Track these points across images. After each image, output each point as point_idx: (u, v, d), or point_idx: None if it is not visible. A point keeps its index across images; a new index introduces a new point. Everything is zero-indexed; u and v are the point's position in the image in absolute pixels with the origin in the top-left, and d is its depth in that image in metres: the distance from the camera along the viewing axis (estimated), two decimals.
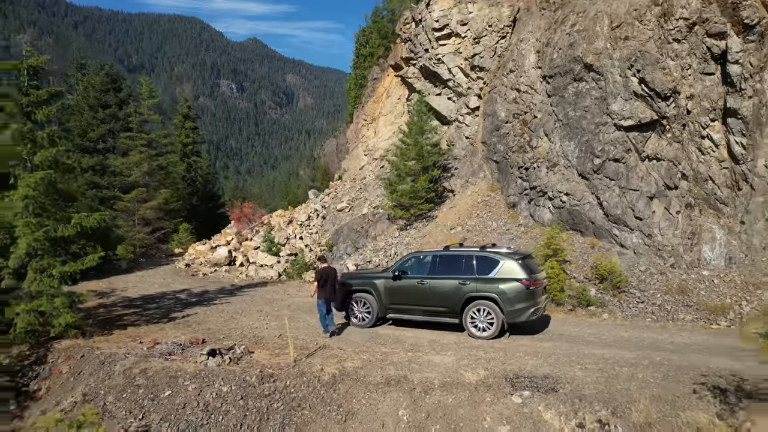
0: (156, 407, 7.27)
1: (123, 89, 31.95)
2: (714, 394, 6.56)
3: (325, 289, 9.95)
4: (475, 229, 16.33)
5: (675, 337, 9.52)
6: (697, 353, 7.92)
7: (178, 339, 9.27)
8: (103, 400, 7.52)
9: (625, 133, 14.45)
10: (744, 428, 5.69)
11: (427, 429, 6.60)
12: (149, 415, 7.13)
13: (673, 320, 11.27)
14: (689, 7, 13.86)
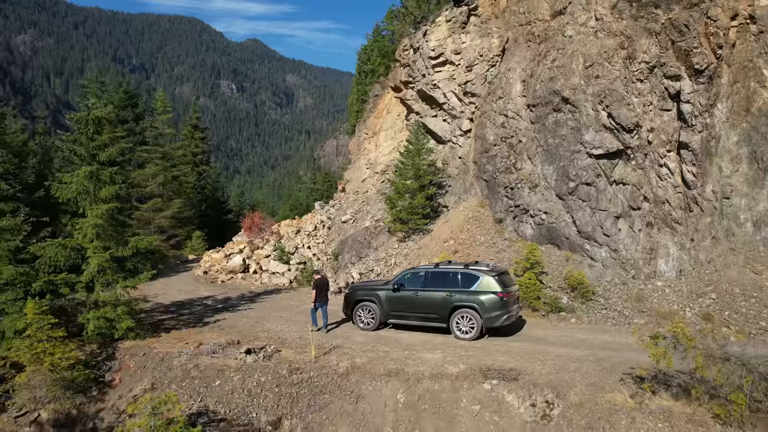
0: (210, 393, 9.50)
1: (139, 105, 34.20)
2: (634, 381, 8.76)
3: (320, 295, 12.72)
4: (466, 242, 18.55)
5: (622, 338, 11.73)
6: (634, 352, 10.09)
7: (217, 341, 11.47)
8: (167, 387, 9.75)
9: (595, 161, 16.66)
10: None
11: (419, 408, 8.82)
12: (205, 399, 9.36)
13: (629, 324, 13.47)
14: (649, 53, 16.09)
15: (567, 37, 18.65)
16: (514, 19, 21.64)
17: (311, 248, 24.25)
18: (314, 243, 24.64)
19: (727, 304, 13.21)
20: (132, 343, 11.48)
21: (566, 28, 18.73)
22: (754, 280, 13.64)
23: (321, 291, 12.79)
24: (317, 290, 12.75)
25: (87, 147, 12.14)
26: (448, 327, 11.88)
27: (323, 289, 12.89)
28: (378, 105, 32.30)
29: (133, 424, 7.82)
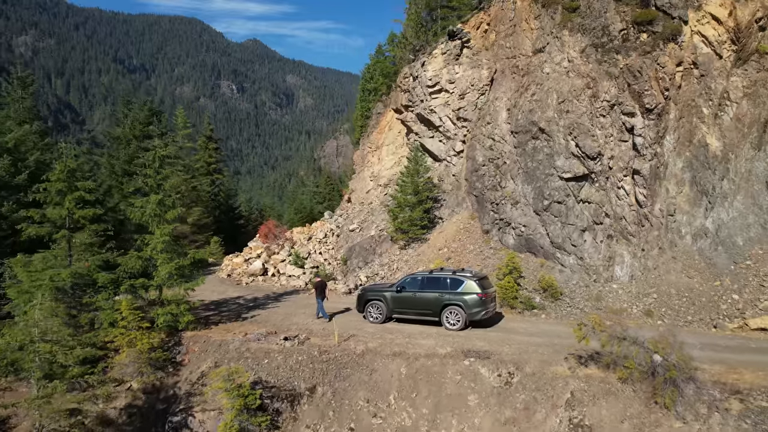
0: (261, 368, 12.82)
1: (162, 121, 37.50)
2: (575, 359, 12.06)
3: (321, 293, 16.92)
4: (458, 250, 21.88)
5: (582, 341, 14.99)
6: (583, 350, 13.35)
7: (259, 331, 14.78)
8: (227, 365, 13.06)
9: (565, 183, 19.98)
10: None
11: (416, 378, 12.13)
12: (258, 373, 12.68)
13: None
14: (610, 93, 19.42)
15: (545, 73, 21.97)
16: (502, 52, 24.96)
17: (322, 254, 27.56)
18: (325, 249, 27.96)
19: (665, 302, 16.53)
20: (192, 333, 14.80)
21: (544, 66, 22.05)
22: (687, 283, 16.96)
23: (319, 290, 17.13)
24: (317, 290, 17.20)
25: (154, 179, 15.47)
26: (439, 320, 15.20)
27: (321, 289, 17.19)
28: (380, 122, 35.63)
29: (214, 386, 11.15)
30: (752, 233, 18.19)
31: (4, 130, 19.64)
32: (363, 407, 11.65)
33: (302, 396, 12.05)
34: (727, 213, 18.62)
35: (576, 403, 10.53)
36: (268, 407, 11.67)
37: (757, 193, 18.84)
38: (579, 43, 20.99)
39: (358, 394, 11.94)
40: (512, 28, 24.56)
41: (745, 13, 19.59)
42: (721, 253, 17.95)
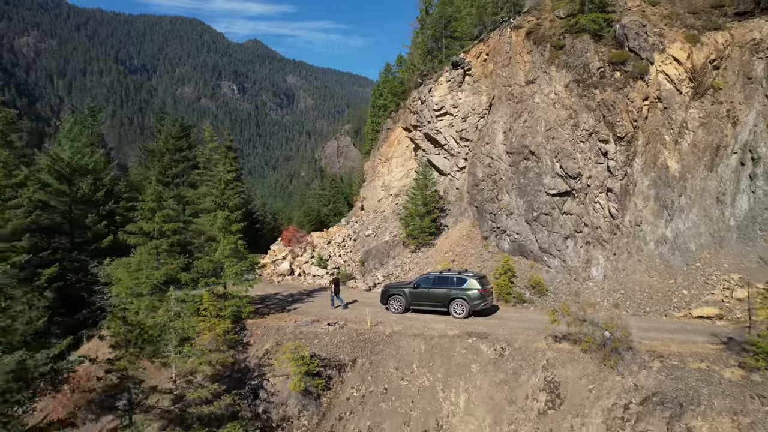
0: (313, 346, 16.87)
1: (192, 136, 41.49)
2: (552, 337, 16.09)
3: (336, 287, 21.19)
4: (461, 254, 25.94)
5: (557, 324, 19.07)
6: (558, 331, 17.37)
7: (305, 319, 18.83)
8: (267, 347, 17.10)
9: (551, 198, 24.02)
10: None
11: (432, 352, 16.16)
12: (312, 349, 16.73)
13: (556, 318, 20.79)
14: (588, 123, 23.47)
15: (535, 102, 26.04)
16: (499, 80, 29.03)
17: (341, 256, 31.61)
18: (344, 252, 32.00)
19: (629, 296, 20.60)
20: (252, 320, 18.86)
21: (535, 96, 26.12)
22: (648, 281, 21.03)
23: (335, 286, 21.51)
24: (334, 285, 21.56)
25: (221, 198, 19.51)
26: (448, 310, 19.25)
27: (336, 284, 21.65)
28: (390, 136, 39.69)
29: (283, 357, 15.21)
30: (703, 240, 22.28)
31: (84, 154, 23.62)
32: (393, 373, 15.69)
33: (346, 366, 16.09)
34: (684, 223, 22.70)
35: (550, 367, 14.58)
36: (322, 374, 15.71)
37: (708, 207, 22.93)
38: (564, 78, 25.06)
39: (388, 363, 15.98)
40: (508, 59, 28.63)
41: (700, 56, 23.67)
42: (677, 256, 22.03)
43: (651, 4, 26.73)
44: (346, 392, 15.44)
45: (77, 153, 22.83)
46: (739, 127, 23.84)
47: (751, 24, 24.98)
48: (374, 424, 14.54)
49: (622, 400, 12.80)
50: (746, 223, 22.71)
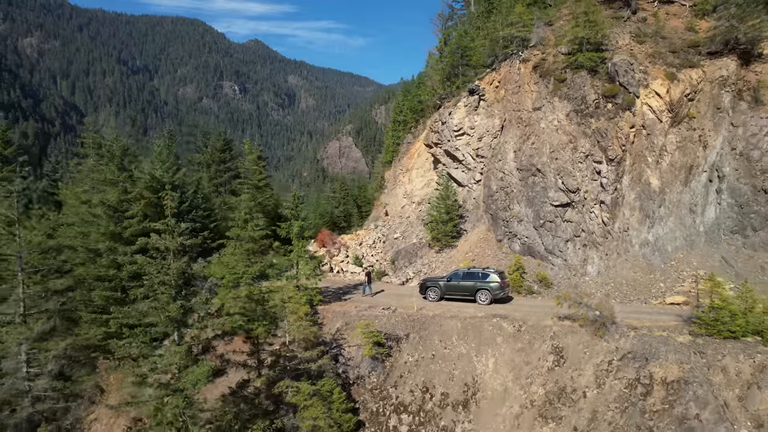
0: (375, 325, 22.32)
1: (233, 149, 46.86)
2: (557, 317, 21.52)
3: (368, 280, 26.72)
4: (479, 254, 31.39)
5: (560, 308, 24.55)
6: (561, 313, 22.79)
7: (363, 306, 24.25)
8: (353, 323, 22.54)
9: (555, 208, 29.45)
10: None
11: (467, 328, 21.58)
12: (372, 327, 22.17)
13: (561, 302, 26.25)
14: (585, 147, 28.89)
15: (541, 127, 31.47)
16: (509, 105, 34.45)
17: (373, 256, 37.03)
18: (375, 252, 37.42)
19: (617, 288, 26.07)
20: (322, 307, 24.29)
21: (541, 121, 31.56)
22: (633, 276, 26.51)
23: (367, 278, 27.26)
24: (367, 277, 27.30)
25: (295, 209, 24.93)
26: (474, 299, 24.68)
27: (368, 277, 27.57)
28: (410, 149, 45.13)
29: (357, 332, 20.65)
30: (678, 243, 27.78)
31: (171, 171, 28.98)
32: (438, 344, 21.12)
33: (402, 339, 21.51)
34: (662, 229, 28.19)
35: (555, 337, 20.03)
36: (385, 344, 21.13)
37: (683, 216, 28.42)
38: (565, 108, 30.50)
39: (434, 337, 21.41)
40: (517, 88, 34.07)
41: (677, 91, 29.14)
42: (657, 256, 27.52)
43: (638, 42, 32.17)
44: (403, 357, 20.86)
45: (166, 171, 28.19)
46: (708, 150, 29.34)
47: (720, 62, 30.45)
48: (427, 380, 19.97)
49: (607, 358, 18.25)
50: (713, 229, 28.22)
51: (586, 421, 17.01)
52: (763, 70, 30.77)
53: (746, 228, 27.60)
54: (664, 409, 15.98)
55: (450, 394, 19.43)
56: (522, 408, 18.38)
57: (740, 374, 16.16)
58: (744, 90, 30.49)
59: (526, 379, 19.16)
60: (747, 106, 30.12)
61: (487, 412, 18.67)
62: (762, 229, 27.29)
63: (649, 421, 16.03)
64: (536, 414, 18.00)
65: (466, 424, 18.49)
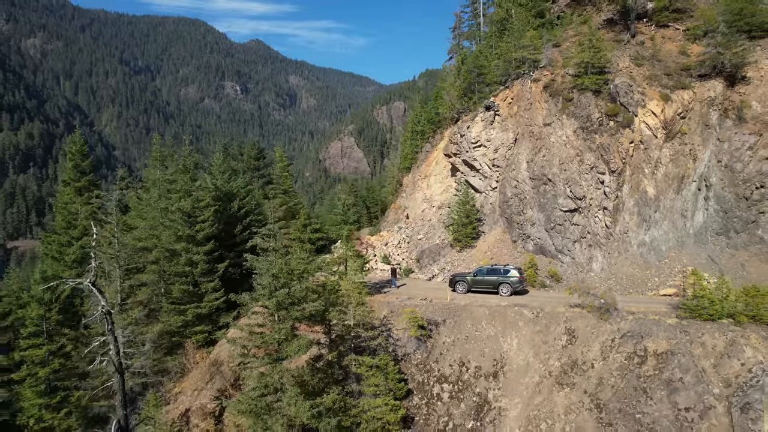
0: (416, 312, 26.94)
1: (266, 157, 51.37)
2: (568, 305, 26.11)
3: (393, 274, 31.77)
4: (496, 254, 35.97)
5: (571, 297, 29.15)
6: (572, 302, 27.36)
7: (404, 297, 28.83)
8: (398, 311, 27.14)
9: (564, 213, 34.02)
10: None
11: (494, 314, 26.15)
12: (416, 313, 26.79)
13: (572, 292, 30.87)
14: (590, 160, 33.49)
15: (551, 141, 36.06)
16: (522, 120, 39.03)
17: (399, 255, 41.58)
18: (400, 252, 41.98)
19: (618, 283, 30.67)
20: (369, 297, 28.83)
21: (551, 136, 36.14)
22: (631, 272, 31.11)
23: (393, 273, 31.98)
24: (392, 273, 32.03)
25: (344, 215, 29.48)
26: (497, 291, 29.27)
27: (393, 272, 32.25)
28: (428, 158, 49.72)
29: (404, 318, 25.27)
30: (670, 243, 32.39)
31: (231, 181, 33.46)
32: (470, 327, 25.67)
33: (440, 323, 26.07)
34: (657, 232, 32.80)
35: (568, 321, 24.60)
36: (426, 328, 25.68)
37: (675, 220, 33.03)
38: (572, 125, 35.09)
39: (466, 322, 25.97)
40: (529, 104, 38.66)
41: (671, 110, 33.73)
42: (652, 255, 32.13)
43: (637, 65, 36.77)
44: (442, 338, 25.43)
45: (225, 182, 32.71)
46: (697, 162, 33.96)
47: (708, 84, 35.04)
48: (462, 356, 24.54)
49: (610, 337, 22.84)
50: (701, 231, 32.84)
51: (593, 386, 21.60)
52: (746, 91, 35.40)
53: (729, 230, 32.22)
54: (655, 374, 20.57)
55: (482, 367, 24.00)
56: (541, 377, 22.96)
57: (715, 347, 20.74)
58: (729, 109, 35.09)
59: (544, 355, 23.74)
60: (732, 123, 34.71)
61: (513, 381, 23.25)
62: (743, 232, 31.91)
63: (644, 384, 20.62)
64: (553, 382, 22.58)
65: (497, 391, 23.06)
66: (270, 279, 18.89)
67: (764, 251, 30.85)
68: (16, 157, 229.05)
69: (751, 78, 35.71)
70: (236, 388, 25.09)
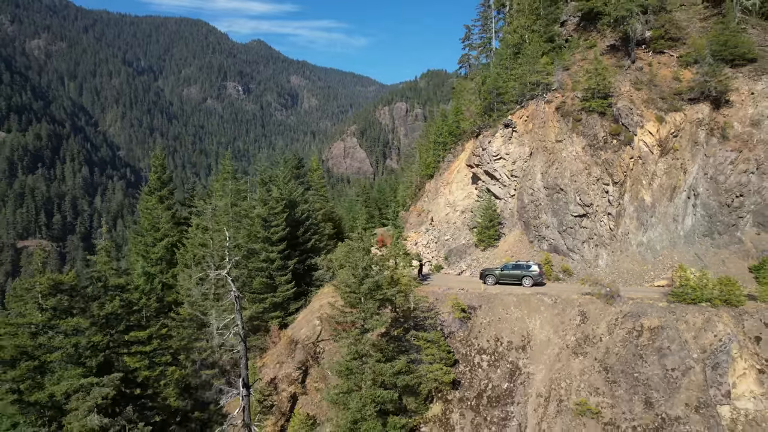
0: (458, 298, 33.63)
1: (304, 166, 57.92)
2: (580, 293, 32.75)
3: (420, 269, 38.16)
4: (516, 252, 42.66)
5: (581, 286, 35.81)
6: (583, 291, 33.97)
7: (444, 287, 35.48)
8: (442, 299, 33.82)
9: (574, 218, 40.68)
10: None
11: (521, 301, 32.73)
12: (458, 300, 33.48)
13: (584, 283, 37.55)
14: (596, 173, 40.14)
15: (563, 156, 42.75)
16: (536, 136, 45.71)
17: (429, 253, 48.19)
18: (429, 251, 48.59)
19: (621, 276, 37.36)
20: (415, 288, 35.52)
21: (562, 152, 42.83)
22: (631, 267, 37.82)
23: (420, 267, 38.30)
24: (419, 267, 38.54)
25: (394, 220, 36.14)
26: (521, 283, 35.93)
27: (421, 266, 38.60)
28: (450, 167, 56.35)
29: (447, 304, 31.98)
30: (664, 244, 39.11)
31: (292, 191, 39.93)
32: (501, 311, 32.29)
33: (476, 308, 32.68)
34: (653, 234, 39.49)
35: (581, 306, 31.23)
36: (466, 311, 32.30)
37: (668, 224, 39.74)
38: (581, 142, 41.76)
39: (498, 307, 32.58)
40: (543, 123, 45.34)
41: (665, 130, 40.44)
42: (649, 253, 38.84)
43: (636, 89, 43.47)
44: (479, 320, 32.05)
45: (289, 192, 39.28)
46: (687, 174, 40.66)
47: (697, 107, 41.74)
48: (497, 333, 31.15)
49: (614, 317, 29.48)
50: (690, 233, 39.56)
51: (602, 354, 28.26)
52: (729, 113, 42.11)
53: (713, 232, 38.93)
54: (649, 344, 27.23)
55: (513, 342, 30.66)
56: (560, 349, 29.62)
57: (695, 324, 27.41)
58: (715, 129, 41.79)
59: (562, 332, 30.40)
60: (717, 141, 41.41)
61: (537, 352, 29.90)
62: (724, 233, 38.62)
63: (640, 351, 27.28)
64: (570, 352, 29.23)
65: (525, 360, 29.72)
66: (360, 271, 25.45)
67: (742, 250, 37.60)
68: (24, 158, 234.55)
69: (734, 102, 42.38)
70: (314, 359, 31.71)
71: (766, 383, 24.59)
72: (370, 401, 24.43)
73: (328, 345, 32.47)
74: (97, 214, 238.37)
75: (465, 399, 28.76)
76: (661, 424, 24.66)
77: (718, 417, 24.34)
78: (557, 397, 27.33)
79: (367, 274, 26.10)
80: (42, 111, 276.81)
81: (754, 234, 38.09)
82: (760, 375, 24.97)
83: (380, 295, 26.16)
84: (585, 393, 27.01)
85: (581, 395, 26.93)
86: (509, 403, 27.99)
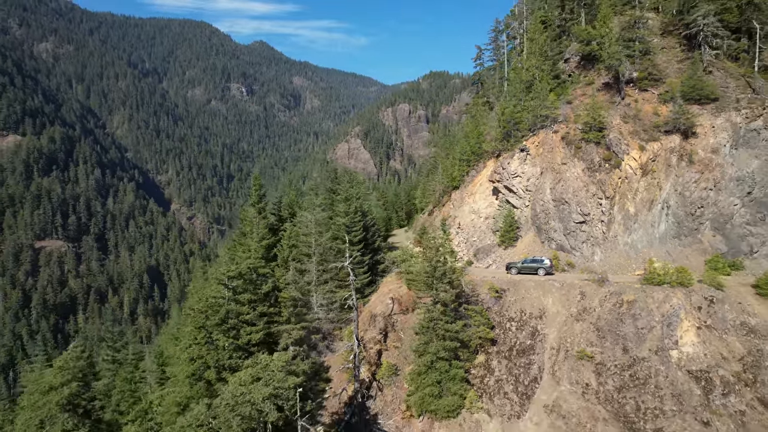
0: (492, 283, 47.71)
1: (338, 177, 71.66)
2: (581, 279, 46.77)
3: None
4: (531, 251, 56.69)
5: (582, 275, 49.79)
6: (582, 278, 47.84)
7: (480, 275, 49.47)
8: (479, 285, 47.85)
9: (575, 224, 54.67)
10: None
11: (537, 284, 46.72)
12: (492, 283, 47.55)
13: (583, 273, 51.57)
14: (593, 190, 54.22)
15: (567, 176, 56.89)
16: (545, 159, 59.83)
17: (460, 252, 62.04)
18: (460, 249, 62.46)
19: (610, 269, 51.39)
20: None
21: (567, 172, 56.98)
22: (618, 261, 51.90)
23: None
24: None
25: (444, 226, 50.12)
26: (536, 273, 49.85)
27: None
28: (474, 180, 70.38)
29: (484, 287, 46.11)
30: (644, 243, 53.20)
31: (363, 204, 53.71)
32: (523, 292, 46.16)
33: (506, 290, 46.53)
34: (636, 236, 53.55)
35: (581, 288, 45.13)
36: (499, 291, 46.18)
37: (647, 229, 53.81)
38: (581, 165, 55.83)
39: (521, 289, 46.46)
40: (551, 149, 59.44)
41: (645, 157, 54.57)
42: (632, 251, 52.91)
43: (624, 122, 57.62)
44: (508, 298, 45.93)
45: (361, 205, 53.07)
46: (662, 191, 54.72)
47: (671, 138, 55.87)
48: (521, 308, 45.03)
49: (604, 294, 43.40)
50: (663, 236, 53.63)
51: (595, 319, 42.21)
52: (695, 142, 56.26)
53: (681, 235, 53.02)
54: (626, 311, 41.20)
55: (533, 313, 44.59)
56: (566, 317, 43.56)
57: (658, 298, 41.37)
58: (683, 155, 55.93)
59: (567, 306, 44.36)
60: (685, 164, 55.54)
61: (550, 320, 43.85)
62: (689, 236, 52.71)
63: (621, 317, 41.23)
64: (573, 319, 43.18)
65: (542, 325, 43.64)
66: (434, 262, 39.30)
67: (701, 248, 51.79)
68: (39, 161, 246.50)
69: (699, 133, 56.51)
70: (392, 327, 45.65)
71: (701, 335, 38.64)
72: (442, 348, 38.34)
73: (399, 317, 46.37)
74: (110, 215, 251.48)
75: (500, 352, 42.73)
76: (632, 362, 38.68)
77: (669, 357, 38.38)
78: (565, 348, 41.31)
79: (438, 264, 39.98)
80: (53, 114, 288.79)
81: (711, 236, 52.28)
82: (698, 331, 39.03)
83: (447, 279, 40.04)
84: (584, 345, 41.01)
85: (581, 346, 40.93)
86: (531, 354, 41.97)
